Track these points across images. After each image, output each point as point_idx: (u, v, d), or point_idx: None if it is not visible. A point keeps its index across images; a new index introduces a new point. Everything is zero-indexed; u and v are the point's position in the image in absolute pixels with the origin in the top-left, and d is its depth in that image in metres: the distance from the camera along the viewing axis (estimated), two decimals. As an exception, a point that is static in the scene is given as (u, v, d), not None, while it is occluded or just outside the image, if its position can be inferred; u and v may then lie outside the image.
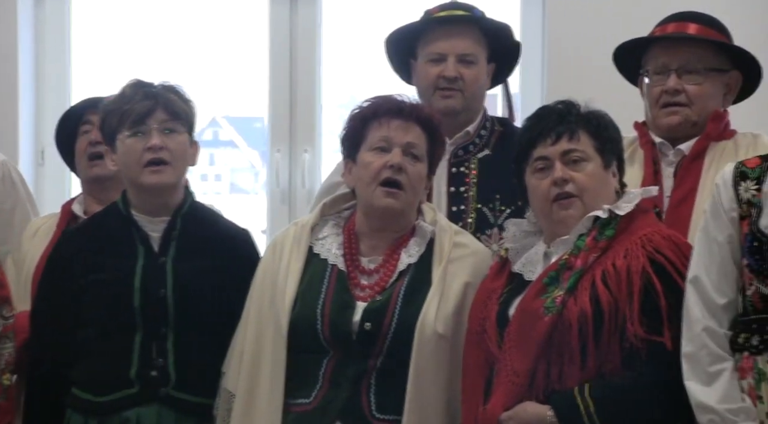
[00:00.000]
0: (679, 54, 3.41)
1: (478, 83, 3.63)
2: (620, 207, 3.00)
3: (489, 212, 3.55)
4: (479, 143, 3.66)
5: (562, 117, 3.04)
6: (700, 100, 3.40)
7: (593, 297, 2.88)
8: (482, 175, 3.60)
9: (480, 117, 3.67)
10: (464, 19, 3.63)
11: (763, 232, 2.81)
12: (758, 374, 2.80)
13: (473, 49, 3.62)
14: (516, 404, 2.90)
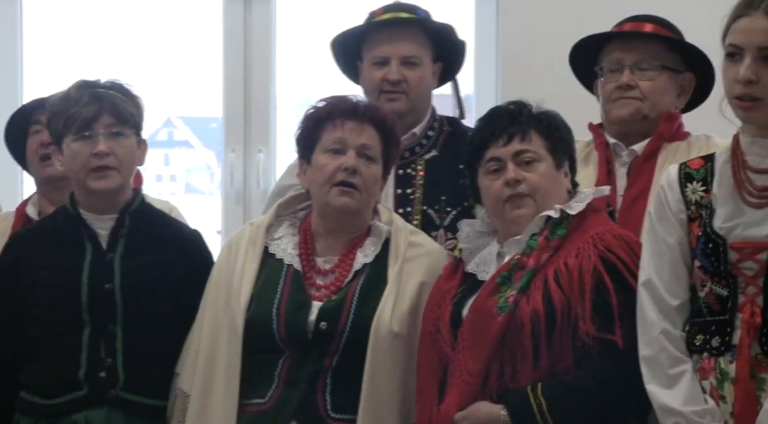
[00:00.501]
0: (633, 51, 3.43)
1: (423, 85, 3.64)
2: (572, 207, 3.02)
3: (434, 214, 3.56)
4: (426, 144, 3.66)
5: (514, 118, 3.05)
6: (652, 95, 3.42)
7: (546, 296, 2.89)
8: (429, 176, 3.61)
9: (427, 118, 3.68)
10: (406, 22, 3.64)
11: (718, 233, 2.82)
12: (720, 374, 2.81)
13: (416, 51, 3.62)
14: (470, 403, 2.90)
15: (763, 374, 2.76)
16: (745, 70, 2.76)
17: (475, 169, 3.09)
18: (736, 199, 2.83)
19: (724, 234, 2.81)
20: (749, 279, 2.79)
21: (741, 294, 2.79)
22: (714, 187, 2.87)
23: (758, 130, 2.84)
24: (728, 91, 2.82)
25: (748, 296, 2.78)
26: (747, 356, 2.75)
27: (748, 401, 2.74)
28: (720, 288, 2.82)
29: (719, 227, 2.82)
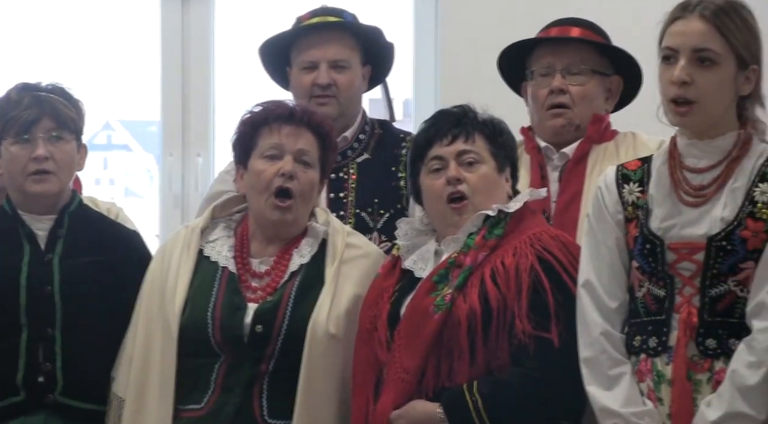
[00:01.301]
0: (563, 55, 3.46)
1: (353, 88, 3.64)
2: (509, 206, 3.04)
3: (368, 217, 3.55)
4: (358, 148, 3.66)
5: (459, 120, 3.08)
6: (583, 101, 3.45)
7: (482, 295, 2.91)
8: (361, 180, 3.60)
9: (358, 121, 3.68)
10: (333, 25, 3.63)
11: (655, 233, 2.84)
12: (657, 376, 2.82)
13: (345, 55, 3.62)
14: (406, 402, 2.91)
15: (699, 375, 2.78)
16: (679, 71, 2.79)
17: (417, 169, 3.10)
18: (673, 199, 2.86)
19: (661, 235, 2.83)
20: (686, 279, 2.81)
21: (678, 294, 2.81)
22: (650, 187, 2.90)
23: (695, 133, 2.87)
24: (664, 94, 2.85)
25: (684, 296, 2.81)
26: (683, 357, 2.77)
27: (684, 402, 2.77)
28: (657, 288, 2.84)
29: (656, 228, 2.84)
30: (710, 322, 2.78)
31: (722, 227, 2.78)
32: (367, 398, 2.98)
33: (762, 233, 2.76)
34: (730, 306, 2.78)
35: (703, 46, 2.80)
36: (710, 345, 2.77)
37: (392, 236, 3.32)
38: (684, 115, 2.82)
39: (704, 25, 2.80)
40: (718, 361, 2.77)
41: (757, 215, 2.78)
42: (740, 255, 2.77)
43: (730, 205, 2.80)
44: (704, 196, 2.83)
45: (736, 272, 2.77)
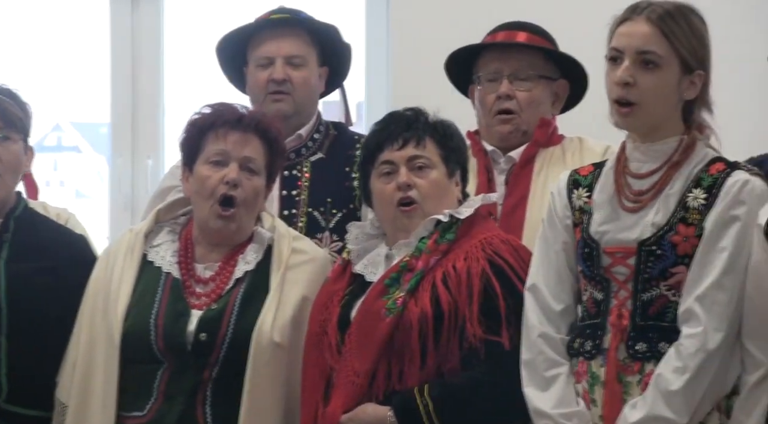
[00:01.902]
0: (510, 61, 3.47)
1: (309, 86, 3.63)
2: (461, 212, 3.05)
3: (320, 216, 3.54)
4: (312, 146, 3.65)
5: (410, 124, 3.08)
6: (530, 107, 3.46)
7: (434, 298, 2.92)
8: (314, 178, 3.59)
9: (314, 120, 3.67)
10: (289, 22, 3.63)
11: (592, 237, 2.86)
12: (592, 377, 2.84)
13: (301, 51, 3.61)
14: (356, 405, 2.91)
15: (629, 378, 2.80)
16: (623, 72, 2.82)
17: (368, 172, 3.10)
18: (613, 203, 2.88)
19: (597, 238, 2.86)
20: (621, 283, 2.83)
21: (613, 298, 2.84)
22: (595, 192, 2.92)
23: (640, 136, 2.88)
24: (609, 95, 2.87)
25: (619, 299, 2.83)
26: (614, 360, 2.79)
27: (614, 403, 2.79)
28: (596, 292, 2.86)
29: (594, 232, 2.87)
30: (642, 326, 2.80)
31: (653, 232, 2.81)
32: (316, 401, 2.98)
33: (693, 238, 2.78)
34: (662, 310, 2.80)
35: (647, 48, 2.82)
36: (641, 348, 2.80)
37: (343, 237, 3.31)
38: (626, 117, 2.83)
39: (650, 28, 2.82)
40: (648, 363, 2.79)
41: (689, 220, 2.80)
42: (670, 260, 2.79)
43: (662, 210, 2.82)
44: (642, 202, 2.85)
45: (667, 277, 2.80)
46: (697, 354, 2.72)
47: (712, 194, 2.80)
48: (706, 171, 2.83)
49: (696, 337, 2.73)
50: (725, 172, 2.82)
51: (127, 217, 4.80)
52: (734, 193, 2.78)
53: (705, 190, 2.81)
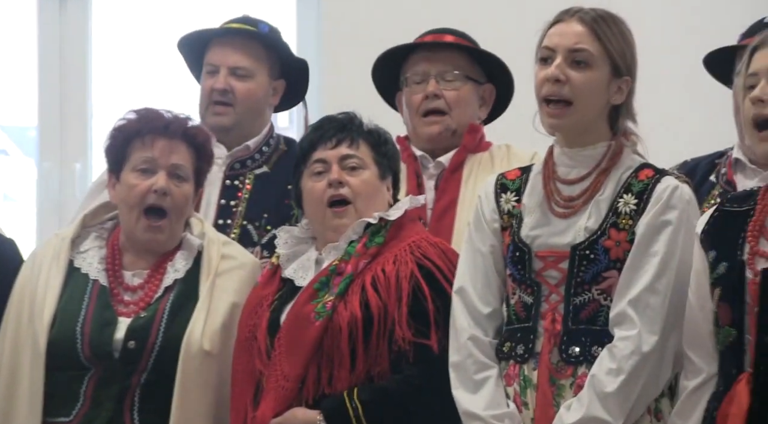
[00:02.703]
0: (437, 62, 3.49)
1: (253, 98, 3.59)
2: (390, 214, 3.06)
3: (254, 230, 3.52)
4: (259, 159, 3.63)
5: (344, 125, 3.09)
6: (458, 106, 3.47)
7: (363, 302, 2.92)
8: (255, 191, 3.57)
9: (265, 132, 3.64)
10: (242, 33, 3.60)
11: (524, 241, 2.88)
12: (524, 380, 2.86)
13: (248, 63, 3.58)
14: (286, 409, 2.91)
15: (562, 381, 2.82)
16: (555, 68, 2.83)
17: (300, 173, 3.10)
18: (544, 208, 2.90)
19: (529, 242, 2.87)
20: (552, 287, 2.85)
21: (544, 302, 2.85)
22: (524, 197, 2.93)
23: (567, 140, 2.90)
24: (538, 94, 2.88)
25: (551, 303, 2.84)
26: (547, 363, 2.81)
27: (546, 406, 2.80)
28: (526, 296, 2.88)
29: (525, 236, 2.88)
30: (574, 329, 2.82)
31: (586, 237, 2.83)
32: (245, 406, 2.97)
33: (624, 242, 2.81)
34: (594, 314, 2.82)
35: (580, 47, 2.84)
36: (573, 352, 2.81)
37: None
38: (558, 117, 2.85)
39: (582, 27, 2.85)
40: (581, 367, 2.81)
41: (620, 225, 2.82)
42: (603, 264, 2.81)
43: (595, 215, 2.84)
44: (573, 208, 2.87)
45: (599, 281, 2.82)
46: (632, 356, 2.74)
47: (642, 200, 2.83)
48: (636, 177, 2.86)
49: (630, 339, 2.75)
50: (654, 178, 2.85)
51: (54, 221, 4.75)
52: (665, 198, 2.81)
53: (635, 196, 2.83)
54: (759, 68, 2.67)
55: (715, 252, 2.71)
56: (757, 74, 2.67)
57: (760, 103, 2.65)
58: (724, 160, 3.34)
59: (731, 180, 3.29)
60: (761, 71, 2.66)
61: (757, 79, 2.67)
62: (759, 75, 2.67)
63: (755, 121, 2.66)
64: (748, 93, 2.68)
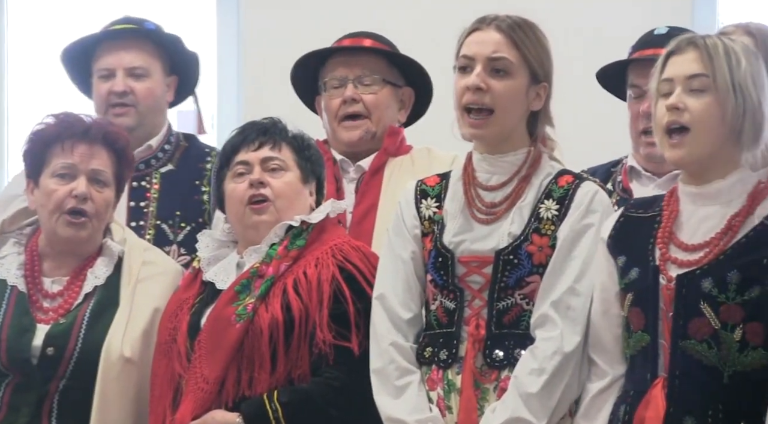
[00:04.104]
0: (355, 66, 3.49)
1: (153, 96, 3.58)
2: (312, 217, 3.06)
3: (168, 229, 3.50)
4: (162, 158, 3.61)
5: (267, 129, 3.09)
6: (377, 109, 3.48)
7: (284, 304, 2.92)
8: (164, 190, 3.55)
9: (164, 131, 3.63)
10: (130, 32, 3.58)
11: (447, 247, 2.89)
12: (448, 385, 2.86)
13: (143, 62, 3.57)
14: (205, 412, 2.90)
15: (486, 385, 2.83)
16: (475, 77, 2.85)
17: (223, 176, 3.10)
18: (466, 214, 2.91)
19: (452, 248, 2.88)
20: (475, 292, 2.86)
21: (467, 307, 2.86)
22: (446, 203, 2.94)
23: (487, 147, 2.92)
24: (458, 103, 2.89)
25: (474, 309, 2.86)
26: (471, 368, 2.82)
27: (470, 410, 2.81)
28: (448, 301, 2.88)
29: (448, 242, 2.89)
30: (497, 334, 2.83)
31: (509, 242, 2.85)
32: (164, 409, 2.96)
33: (547, 247, 2.83)
34: (517, 318, 2.84)
35: (499, 55, 2.86)
36: (497, 356, 2.83)
37: (191, 251, 3.29)
38: (479, 127, 2.87)
39: (500, 36, 2.87)
40: (504, 370, 2.83)
41: (542, 230, 2.85)
42: (526, 269, 2.83)
43: (517, 221, 2.86)
44: (496, 214, 2.89)
45: (522, 286, 2.84)
46: (554, 357, 2.76)
47: (564, 205, 2.85)
48: (556, 183, 2.89)
49: (552, 340, 2.77)
50: (574, 183, 2.88)
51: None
52: (586, 203, 2.84)
53: (557, 202, 2.86)
54: (674, 75, 2.69)
55: (625, 257, 2.74)
56: (672, 80, 2.69)
57: (676, 110, 2.68)
58: (619, 168, 3.39)
59: (627, 188, 3.35)
60: (676, 78, 2.69)
61: (672, 86, 2.69)
62: (674, 81, 2.69)
63: (668, 128, 2.70)
64: (662, 98, 2.71)
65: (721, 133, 2.66)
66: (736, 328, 2.60)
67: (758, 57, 2.71)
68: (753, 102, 2.66)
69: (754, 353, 2.59)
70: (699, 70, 2.66)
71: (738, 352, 2.59)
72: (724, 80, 2.64)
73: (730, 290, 2.60)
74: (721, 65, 2.65)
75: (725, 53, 2.66)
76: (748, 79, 2.65)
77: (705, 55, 2.66)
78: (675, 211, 2.73)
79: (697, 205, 2.71)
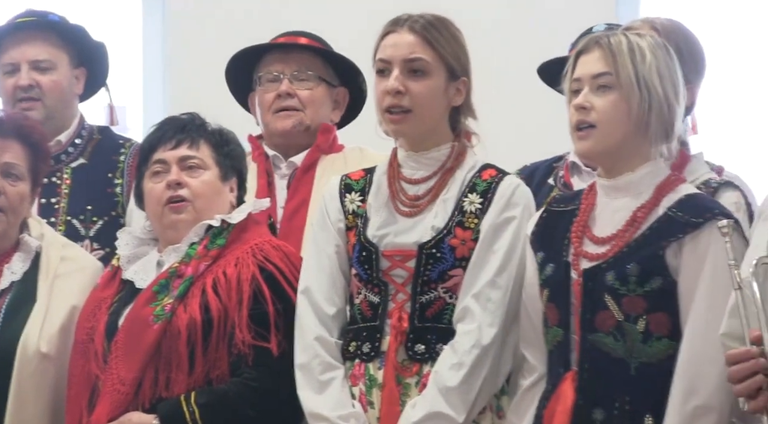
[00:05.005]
0: (291, 62, 3.48)
1: (60, 89, 3.55)
2: (232, 217, 3.04)
3: (80, 224, 3.48)
4: (74, 152, 3.58)
5: (185, 126, 3.07)
6: (312, 105, 3.47)
7: (203, 304, 2.90)
8: (75, 185, 3.52)
9: (75, 125, 3.60)
10: (32, 25, 3.54)
11: (370, 240, 2.90)
12: (369, 380, 2.87)
13: (48, 55, 3.53)
14: (122, 414, 2.88)
15: (408, 379, 2.85)
16: (394, 80, 2.86)
17: (142, 173, 3.08)
18: (390, 208, 2.92)
19: (376, 242, 2.89)
20: (399, 286, 2.88)
21: (391, 301, 2.88)
22: (370, 197, 2.96)
23: (410, 144, 2.94)
24: (379, 105, 2.91)
25: (397, 302, 2.87)
26: (393, 361, 2.83)
27: (391, 405, 2.82)
28: (372, 295, 2.90)
29: (372, 235, 2.90)
30: (420, 327, 2.85)
31: (432, 235, 2.86)
32: (81, 410, 2.94)
33: (470, 241, 2.86)
34: (439, 312, 2.86)
35: (414, 56, 2.88)
36: (419, 350, 2.85)
37: (105, 245, 3.27)
38: (399, 123, 2.89)
39: (414, 37, 2.89)
40: (426, 365, 2.84)
41: (466, 224, 2.87)
42: (449, 263, 2.85)
43: (441, 214, 2.88)
44: (419, 207, 2.90)
45: (445, 280, 2.86)
46: (473, 350, 2.78)
47: (486, 199, 2.88)
48: (479, 177, 2.91)
49: (471, 333, 2.79)
50: (497, 177, 2.90)
51: None
52: (508, 196, 2.87)
53: (480, 195, 2.88)
54: (581, 74, 2.73)
55: (543, 253, 2.77)
56: (580, 80, 2.73)
57: (583, 110, 2.71)
58: (561, 163, 3.42)
59: (568, 183, 3.37)
60: (584, 77, 2.73)
61: (580, 85, 2.73)
62: (582, 81, 2.73)
63: (577, 127, 2.73)
64: (573, 97, 2.74)
65: (627, 128, 2.70)
66: (639, 319, 2.64)
67: (668, 51, 2.75)
68: (659, 96, 2.70)
69: (658, 343, 2.64)
70: (603, 69, 2.70)
71: (642, 343, 2.64)
72: (628, 76, 2.68)
73: (631, 282, 2.64)
74: (625, 62, 2.69)
75: (629, 50, 2.70)
76: (653, 73, 2.69)
77: (608, 54, 2.70)
78: (591, 204, 2.77)
79: (610, 198, 2.75)
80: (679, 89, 2.73)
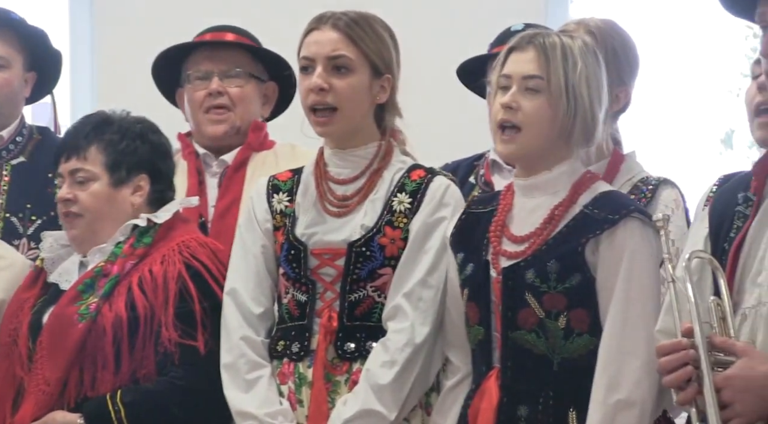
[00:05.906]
0: (220, 60, 3.46)
1: (10, 87, 3.52)
2: (159, 216, 3.03)
3: (18, 222, 3.45)
4: (14, 150, 3.56)
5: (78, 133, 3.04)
6: (242, 103, 3.45)
7: (129, 303, 2.89)
8: (14, 182, 3.50)
9: (17, 123, 3.58)
10: None
11: (299, 239, 2.90)
12: (299, 378, 2.87)
13: (4, 52, 3.50)
14: (46, 413, 2.86)
15: (337, 377, 2.85)
16: (317, 78, 2.86)
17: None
18: (318, 208, 2.92)
19: (304, 240, 2.89)
20: (327, 284, 2.88)
21: (319, 299, 2.87)
22: (298, 196, 2.95)
23: (336, 143, 2.93)
24: (303, 104, 2.91)
25: (326, 301, 2.87)
26: (323, 360, 2.83)
27: (320, 402, 2.83)
28: (300, 294, 2.89)
29: (300, 234, 2.90)
30: (349, 326, 2.85)
31: (362, 234, 2.86)
32: (4, 411, 2.91)
33: (399, 240, 2.86)
34: (369, 311, 2.86)
35: (338, 53, 2.88)
36: (349, 348, 2.85)
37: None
38: (324, 125, 2.88)
39: (337, 34, 2.89)
40: (356, 363, 2.85)
41: (395, 223, 2.87)
42: (378, 261, 2.86)
43: (370, 213, 2.88)
44: (347, 207, 2.90)
45: (374, 278, 2.86)
46: (405, 348, 2.78)
47: (416, 199, 2.88)
48: (408, 177, 2.91)
49: (403, 332, 2.79)
50: (427, 177, 2.91)
51: None
52: (438, 196, 2.87)
53: (409, 195, 2.88)
54: (512, 72, 2.73)
55: (463, 254, 2.78)
56: (510, 77, 2.73)
57: (509, 109, 2.71)
58: (482, 161, 3.44)
59: (489, 181, 3.39)
60: (514, 75, 2.72)
61: (509, 82, 2.73)
62: (512, 78, 2.72)
63: (501, 125, 2.73)
64: (500, 91, 2.74)
65: (551, 132, 2.70)
66: (560, 316, 2.66)
67: (597, 56, 2.75)
68: (585, 105, 2.70)
69: (579, 339, 2.66)
70: (535, 72, 2.70)
71: (563, 339, 2.65)
72: (558, 83, 2.68)
73: (551, 279, 2.66)
74: (557, 68, 2.69)
75: (563, 55, 2.70)
76: (582, 82, 2.70)
77: (542, 57, 2.70)
78: (509, 204, 2.78)
79: (527, 197, 2.76)
80: (603, 96, 2.74)
